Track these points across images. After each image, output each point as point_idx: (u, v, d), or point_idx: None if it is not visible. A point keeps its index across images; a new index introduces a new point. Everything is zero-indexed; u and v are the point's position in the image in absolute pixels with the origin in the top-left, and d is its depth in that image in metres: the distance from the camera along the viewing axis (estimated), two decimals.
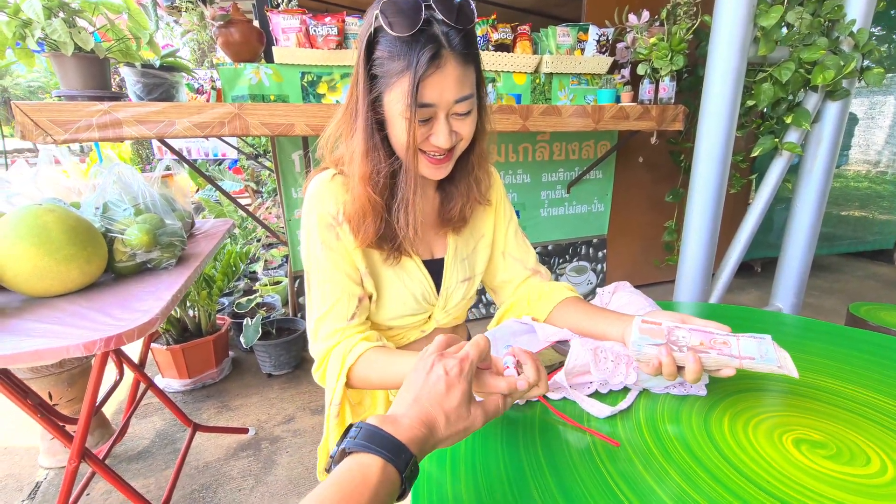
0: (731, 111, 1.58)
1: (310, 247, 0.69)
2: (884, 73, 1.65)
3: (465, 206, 0.75)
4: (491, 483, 0.51)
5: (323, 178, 0.70)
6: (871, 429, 0.58)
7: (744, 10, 1.50)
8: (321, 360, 0.69)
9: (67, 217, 0.91)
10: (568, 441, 0.57)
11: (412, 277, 0.74)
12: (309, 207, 0.69)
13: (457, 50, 0.58)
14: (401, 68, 0.57)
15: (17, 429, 1.75)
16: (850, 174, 3.45)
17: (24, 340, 0.74)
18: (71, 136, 1.25)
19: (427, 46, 0.56)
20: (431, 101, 0.59)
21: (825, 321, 0.90)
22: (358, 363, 0.66)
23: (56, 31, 1.20)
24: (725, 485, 0.49)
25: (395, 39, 0.57)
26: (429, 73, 0.57)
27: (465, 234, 0.79)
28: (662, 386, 0.66)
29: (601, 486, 0.50)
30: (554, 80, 2.25)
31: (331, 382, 0.68)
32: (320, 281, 0.69)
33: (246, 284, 2.66)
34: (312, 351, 0.71)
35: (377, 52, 0.59)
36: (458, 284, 0.78)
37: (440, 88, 0.58)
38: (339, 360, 0.67)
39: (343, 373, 0.66)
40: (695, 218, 1.72)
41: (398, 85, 0.58)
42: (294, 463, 1.55)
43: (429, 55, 0.56)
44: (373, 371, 0.66)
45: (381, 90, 0.61)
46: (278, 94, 1.80)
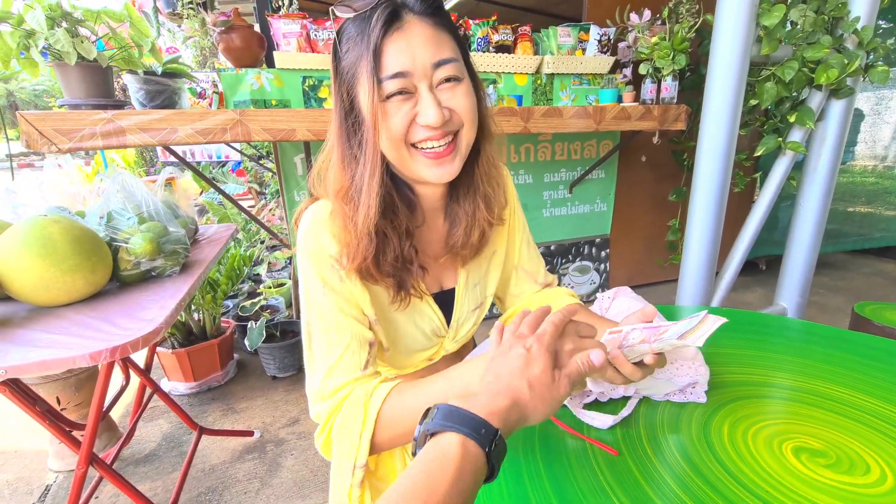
0: (734, 110, 1.57)
1: (309, 291, 0.59)
2: (888, 71, 1.64)
3: (472, 230, 0.64)
4: (490, 489, 0.51)
5: (318, 215, 0.60)
6: (871, 437, 0.58)
7: (746, 9, 1.49)
8: (328, 416, 0.56)
9: (72, 227, 0.92)
10: (567, 449, 0.58)
11: (421, 314, 0.67)
12: (305, 246, 0.59)
13: (418, 11, 0.52)
14: (361, 47, 0.51)
15: (27, 432, 1.78)
16: (857, 170, 3.42)
17: (30, 351, 0.76)
18: (75, 144, 1.26)
19: (384, 9, 0.50)
20: (402, 67, 0.51)
21: (827, 324, 0.90)
22: (386, 404, 0.54)
23: (59, 41, 1.21)
24: (723, 494, 0.49)
25: (352, 23, 0.52)
26: (389, 36, 0.50)
27: (477, 263, 0.72)
28: (662, 393, 0.67)
29: (598, 494, 0.50)
30: (555, 81, 2.24)
31: (349, 438, 0.54)
32: (324, 329, 0.58)
33: (250, 287, 2.67)
34: (316, 413, 0.58)
35: (342, 50, 0.54)
36: (470, 314, 0.72)
37: (409, 50, 0.50)
38: (359, 406, 0.54)
39: (371, 417, 0.53)
40: (697, 217, 1.71)
41: (362, 66, 0.51)
42: (299, 465, 1.56)
43: (384, 16, 0.50)
44: (408, 404, 0.54)
45: (352, 88, 0.54)
46: (280, 98, 1.81)
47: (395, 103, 0.53)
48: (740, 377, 0.72)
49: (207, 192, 3.56)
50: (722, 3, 1.52)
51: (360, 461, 0.54)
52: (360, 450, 0.53)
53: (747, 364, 0.75)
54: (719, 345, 0.82)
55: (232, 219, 2.70)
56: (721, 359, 0.77)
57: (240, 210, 2.08)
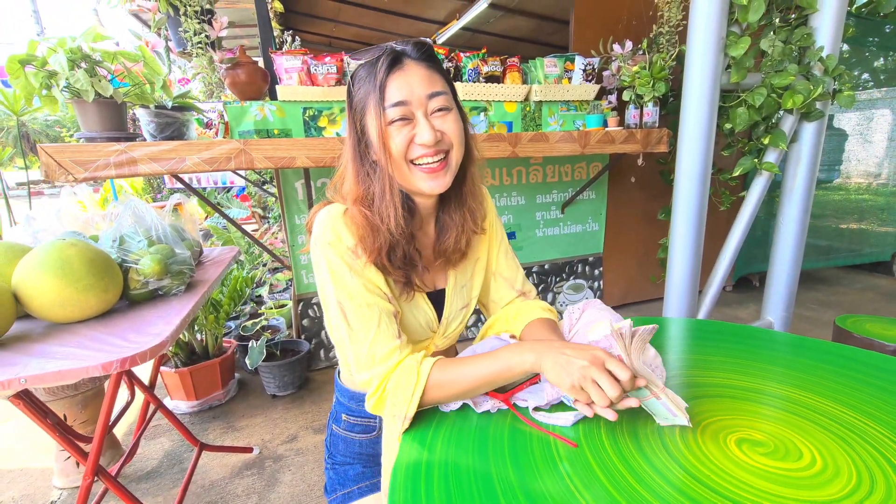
0: (707, 135, 1.67)
1: (336, 276, 0.68)
2: (854, 96, 1.73)
3: (461, 237, 0.77)
4: (461, 482, 0.57)
5: (334, 213, 0.70)
6: (809, 429, 0.64)
7: (714, 40, 1.60)
8: (382, 380, 0.67)
9: (87, 250, 1.00)
10: (533, 444, 0.64)
11: (418, 308, 0.78)
12: (324, 239, 0.68)
13: (415, 57, 0.66)
14: (369, 86, 0.65)
15: (34, 451, 1.82)
16: (849, 187, 3.51)
17: (48, 362, 0.82)
18: (90, 174, 1.36)
19: (387, 56, 0.65)
20: (402, 97, 0.64)
21: (819, 338, 0.96)
22: (433, 370, 0.66)
23: (79, 81, 1.32)
24: (670, 480, 0.55)
25: (363, 68, 0.67)
26: (392, 74, 0.64)
27: (463, 267, 0.84)
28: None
29: (560, 486, 0.56)
30: (544, 108, 2.36)
31: (402, 396, 0.65)
32: (357, 307, 0.67)
33: (252, 308, 2.74)
34: (367, 377, 0.68)
35: (354, 89, 0.68)
36: (458, 312, 0.83)
37: (408, 86, 0.64)
38: (412, 371, 0.66)
39: (422, 380, 0.65)
40: (679, 236, 1.79)
41: (370, 100, 0.65)
42: (297, 481, 1.60)
43: (388, 61, 0.64)
44: (453, 373, 0.66)
45: (362, 119, 0.68)
46: (282, 128, 1.92)
47: (397, 127, 0.66)
48: (700, 379, 0.78)
49: (212, 216, 3.67)
50: (692, 35, 1.63)
51: (410, 413, 0.65)
52: (410, 405, 0.65)
53: (710, 368, 0.82)
54: (688, 352, 0.88)
55: (235, 242, 2.79)
56: (686, 363, 0.83)
57: (243, 234, 2.17)
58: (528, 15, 4.32)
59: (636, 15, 2.53)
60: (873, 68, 3.30)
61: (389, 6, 4.33)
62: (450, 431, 0.67)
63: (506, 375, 0.66)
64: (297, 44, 3.09)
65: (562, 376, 0.59)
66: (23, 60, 1.29)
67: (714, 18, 1.58)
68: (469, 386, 0.66)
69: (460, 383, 0.65)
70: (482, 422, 0.68)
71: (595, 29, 2.51)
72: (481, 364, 0.65)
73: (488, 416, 0.70)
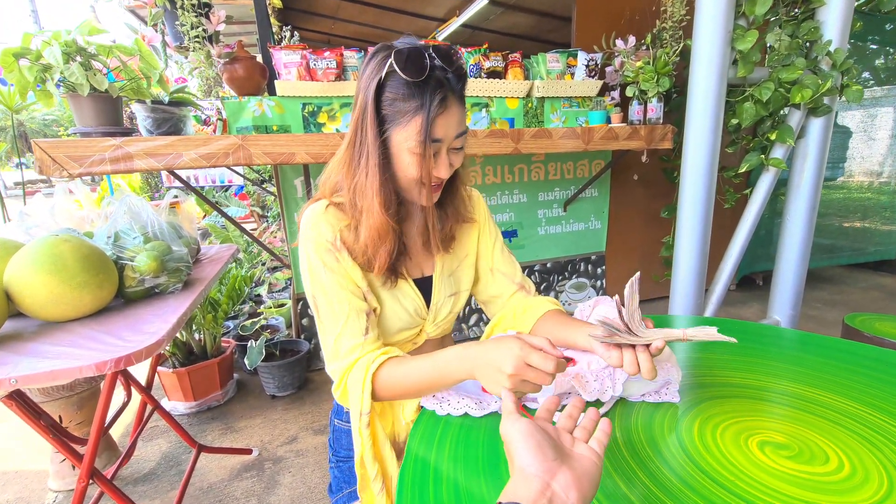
0: (714, 130, 1.64)
1: (313, 272, 0.72)
2: (862, 91, 1.71)
3: (454, 227, 0.83)
4: (469, 482, 0.55)
5: (317, 209, 0.74)
6: (832, 430, 0.61)
7: (721, 34, 1.57)
8: (342, 375, 0.71)
9: (81, 246, 0.98)
10: None
11: (406, 295, 0.80)
12: (306, 235, 0.73)
13: (457, 92, 0.68)
14: (413, 108, 0.65)
15: (29, 453, 1.79)
16: (853, 185, 3.48)
17: (40, 362, 0.80)
18: (85, 169, 1.33)
19: (438, 90, 0.65)
20: (440, 137, 0.67)
21: (809, 332, 0.93)
22: (382, 370, 0.69)
23: (74, 75, 1.29)
24: (691, 485, 0.52)
25: (406, 83, 0.65)
26: (439, 112, 0.65)
27: (452, 252, 0.85)
28: (639, 393, 0.70)
29: None
30: (546, 104, 2.33)
31: (356, 392, 0.69)
32: (328, 302, 0.72)
33: (251, 307, 2.71)
34: (331, 370, 0.73)
35: (387, 94, 0.66)
36: (446, 299, 0.85)
37: (446, 126, 0.67)
38: (362, 370, 0.69)
39: (368, 380, 0.68)
40: (685, 234, 1.76)
41: (411, 123, 0.66)
42: (297, 483, 1.57)
43: (440, 98, 0.65)
44: (398, 374, 0.68)
45: (389, 128, 0.68)
46: (281, 124, 1.89)
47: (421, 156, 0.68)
48: (712, 379, 0.75)
49: (210, 215, 3.64)
50: (698, 29, 1.60)
51: (365, 409, 0.69)
52: (363, 402, 0.68)
53: (720, 367, 0.79)
54: (696, 349, 0.86)
55: (234, 241, 2.76)
56: (695, 362, 0.80)
57: (242, 232, 2.14)
58: (529, 11, 4.30)
59: (639, 10, 2.50)
60: (874, 66, 3.28)
61: (389, 3, 4.30)
62: (458, 431, 0.64)
63: (444, 382, 0.66)
64: (296, 39, 3.06)
65: (493, 386, 0.59)
66: (17, 54, 1.26)
67: (721, 12, 1.55)
68: (411, 388, 0.68)
69: (404, 384, 0.68)
70: (490, 422, 0.66)
71: (597, 24, 2.48)
72: (422, 368, 0.67)
73: (497, 415, 0.68)
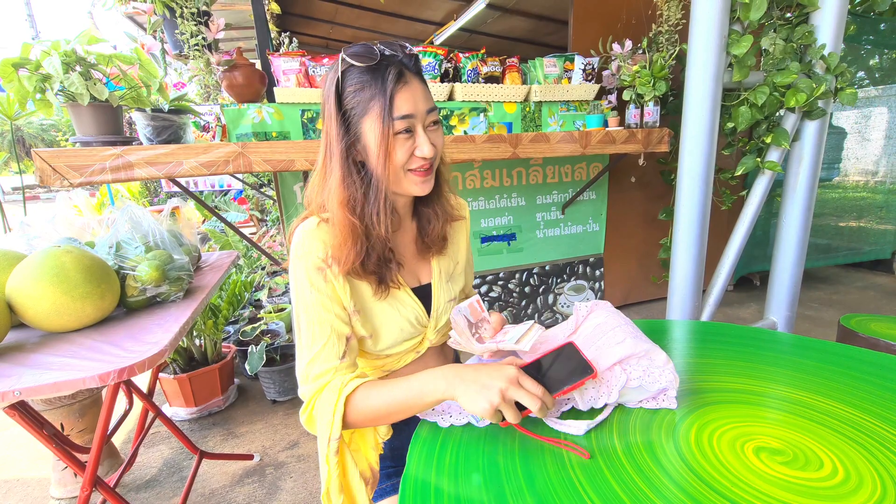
0: (710, 133, 1.65)
1: (299, 291, 0.71)
2: (856, 94, 1.73)
3: (444, 226, 0.83)
4: (470, 492, 0.55)
5: (308, 227, 0.73)
6: (827, 435, 0.62)
7: (716, 39, 1.59)
8: (311, 398, 0.69)
9: (83, 257, 0.98)
10: (543, 452, 0.62)
11: (404, 304, 0.79)
12: (296, 254, 0.71)
13: (412, 69, 0.69)
14: (373, 92, 0.66)
15: (31, 460, 1.79)
16: (849, 185, 3.51)
17: (43, 373, 0.80)
18: (86, 178, 1.33)
19: (391, 66, 0.66)
20: (409, 111, 0.67)
21: (821, 337, 0.94)
22: (356, 393, 0.67)
23: (73, 84, 1.30)
24: (687, 491, 0.53)
25: (362, 72, 0.67)
26: (399, 87, 0.66)
27: (447, 255, 0.86)
28: (636, 400, 0.71)
29: (572, 494, 0.54)
30: (543, 108, 2.34)
31: (325, 417, 0.66)
32: (309, 322, 0.70)
33: (251, 312, 2.71)
34: (302, 392, 0.71)
35: (347, 90, 0.68)
36: (446, 305, 0.85)
37: (413, 99, 0.68)
38: (334, 392, 0.67)
39: (340, 402, 0.65)
40: (682, 236, 1.77)
41: (374, 106, 0.66)
42: (298, 488, 1.58)
43: (395, 72, 0.66)
44: (373, 398, 0.66)
45: (357, 121, 0.68)
46: (280, 130, 1.90)
47: (401, 140, 0.69)
48: (709, 384, 0.76)
49: (210, 220, 3.65)
50: (693, 34, 1.62)
51: (335, 435, 0.66)
52: (333, 427, 0.66)
53: (717, 372, 0.80)
54: (693, 355, 0.87)
55: (234, 246, 2.77)
56: (692, 367, 0.81)
57: (241, 237, 2.15)
58: (526, 15, 4.32)
59: (635, 14, 2.52)
60: (869, 66, 3.30)
61: (386, 7, 4.32)
62: (458, 444, 0.65)
63: (420, 404, 0.65)
64: (294, 45, 3.07)
65: (478, 401, 0.59)
66: (16, 64, 1.27)
67: (716, 17, 1.56)
68: (385, 412, 0.66)
69: (377, 410, 0.66)
70: (490, 432, 0.67)
71: (594, 28, 2.50)
72: (396, 390, 0.66)
73: (497, 426, 0.68)
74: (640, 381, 0.69)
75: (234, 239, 2.86)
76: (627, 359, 0.70)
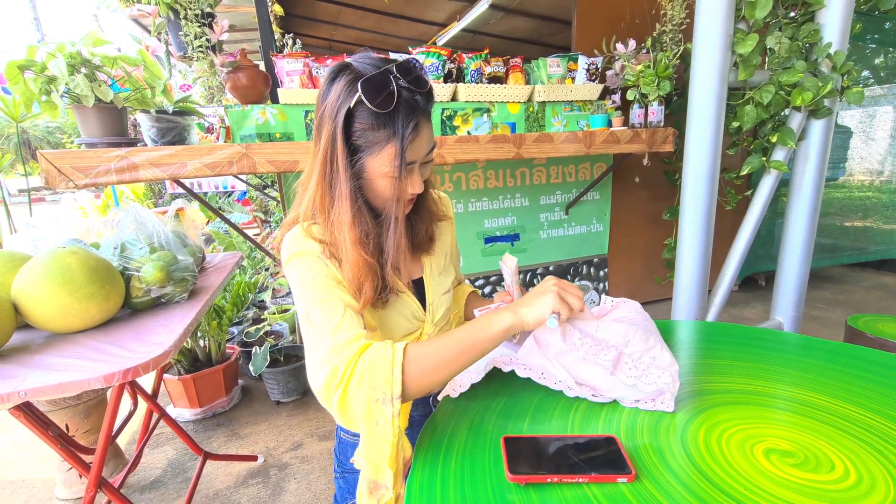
0: (715, 133, 1.64)
1: (301, 281, 0.68)
2: (863, 92, 1.71)
3: (430, 227, 0.85)
4: (477, 499, 0.55)
5: (296, 231, 0.72)
6: (838, 437, 0.61)
7: (721, 38, 1.58)
8: (345, 370, 0.59)
9: (88, 258, 0.98)
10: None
11: (402, 302, 0.79)
12: (291, 251, 0.70)
13: (426, 112, 0.69)
14: (386, 136, 0.65)
15: (36, 461, 1.80)
16: (854, 184, 3.48)
17: (49, 374, 0.80)
18: (91, 180, 1.34)
19: (409, 116, 0.65)
20: (413, 159, 0.69)
21: (828, 337, 0.93)
22: (409, 346, 0.62)
23: (78, 86, 1.30)
24: (697, 495, 0.53)
25: (376, 114, 0.64)
26: (413, 138, 0.66)
27: (435, 252, 0.87)
28: (631, 399, 0.70)
29: (579, 496, 0.53)
30: (547, 108, 2.34)
31: (380, 375, 0.58)
32: (320, 300, 0.65)
33: (255, 313, 2.72)
34: (328, 369, 0.60)
35: (357, 125, 0.65)
36: (441, 298, 0.85)
37: (419, 148, 0.69)
38: (386, 350, 0.60)
39: (398, 353, 0.59)
40: (687, 236, 1.76)
41: (385, 151, 0.66)
42: (302, 489, 1.57)
43: (413, 125, 0.65)
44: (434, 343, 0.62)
45: (362, 157, 0.67)
46: (283, 131, 1.90)
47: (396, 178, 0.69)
48: (716, 385, 0.75)
49: (214, 221, 3.66)
50: (698, 33, 1.61)
51: (396, 391, 0.58)
52: (393, 381, 0.58)
53: (724, 373, 0.79)
54: (698, 356, 0.86)
55: (237, 247, 2.77)
56: (698, 368, 0.81)
57: (245, 238, 2.15)
58: (529, 15, 4.31)
59: (639, 13, 2.51)
60: (874, 65, 3.28)
61: (389, 9, 4.32)
62: (462, 453, 0.64)
63: (487, 336, 0.63)
64: (297, 47, 3.08)
65: (543, 302, 0.64)
66: (22, 66, 1.28)
67: (721, 16, 1.55)
68: (451, 352, 0.61)
69: (440, 352, 0.61)
70: (496, 438, 0.66)
71: (598, 28, 2.49)
72: (458, 331, 0.64)
73: (504, 430, 0.68)
74: (635, 380, 0.68)
75: (238, 240, 2.87)
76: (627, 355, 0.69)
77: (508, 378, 0.81)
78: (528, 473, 0.56)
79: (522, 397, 0.75)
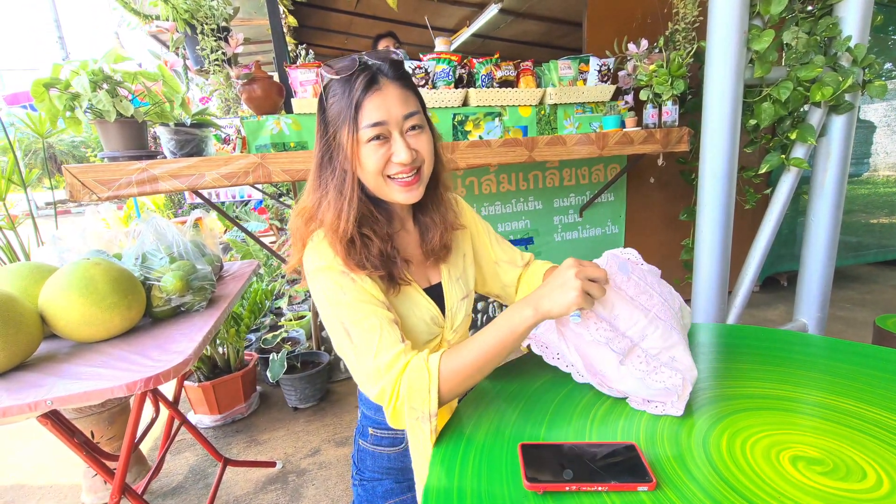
0: (732, 131, 1.61)
1: (330, 299, 0.69)
2: (886, 86, 1.66)
3: (445, 234, 0.81)
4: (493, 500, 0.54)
5: (315, 240, 0.73)
6: (869, 444, 0.59)
7: (736, 35, 1.55)
8: (392, 389, 0.65)
9: (111, 269, 1.01)
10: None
11: (417, 304, 0.78)
12: (316, 265, 0.71)
13: (389, 74, 0.67)
14: (347, 100, 0.66)
15: (63, 467, 1.85)
16: (879, 180, 3.37)
17: (74, 383, 0.82)
18: (113, 193, 1.38)
19: (363, 73, 0.66)
20: (380, 118, 0.66)
21: (855, 338, 0.90)
22: (443, 358, 0.65)
23: (101, 102, 1.34)
24: (720, 503, 0.51)
25: (337, 83, 0.67)
26: (369, 94, 0.65)
27: (452, 260, 0.86)
28: (640, 397, 0.69)
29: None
30: (559, 110, 2.32)
31: (420, 394, 0.64)
32: (356, 321, 0.67)
33: (272, 320, 2.75)
34: (376, 391, 0.66)
35: (328, 102, 0.68)
36: (459, 303, 0.84)
37: (385, 106, 0.66)
38: (422, 370, 0.64)
39: (434, 368, 0.64)
40: (705, 236, 1.73)
41: (345, 117, 0.66)
42: (320, 495, 1.58)
43: (365, 80, 0.65)
44: (463, 353, 0.65)
45: (336, 132, 0.68)
46: (298, 141, 1.93)
47: (374, 146, 0.68)
48: (738, 390, 0.74)
49: (231, 230, 3.72)
50: (712, 30, 1.59)
51: (434, 410, 0.64)
52: (430, 402, 0.64)
53: (746, 377, 0.77)
54: (718, 359, 0.84)
55: (254, 255, 2.82)
56: (719, 373, 0.79)
57: (261, 246, 2.18)
58: (539, 18, 4.31)
59: (651, 13, 2.48)
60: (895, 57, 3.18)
61: (400, 16, 4.36)
62: (479, 456, 0.63)
63: (513, 336, 0.65)
64: (310, 57, 3.12)
65: (566, 294, 0.61)
66: (47, 84, 1.32)
67: (735, 12, 1.53)
68: (481, 360, 0.65)
69: (472, 363, 0.65)
70: (514, 443, 0.65)
71: (609, 29, 2.47)
72: (484, 336, 0.65)
73: (522, 435, 0.67)
74: (643, 374, 0.67)
75: (255, 248, 2.91)
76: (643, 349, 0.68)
77: (527, 381, 0.80)
78: (546, 482, 0.55)
79: (541, 401, 0.74)
